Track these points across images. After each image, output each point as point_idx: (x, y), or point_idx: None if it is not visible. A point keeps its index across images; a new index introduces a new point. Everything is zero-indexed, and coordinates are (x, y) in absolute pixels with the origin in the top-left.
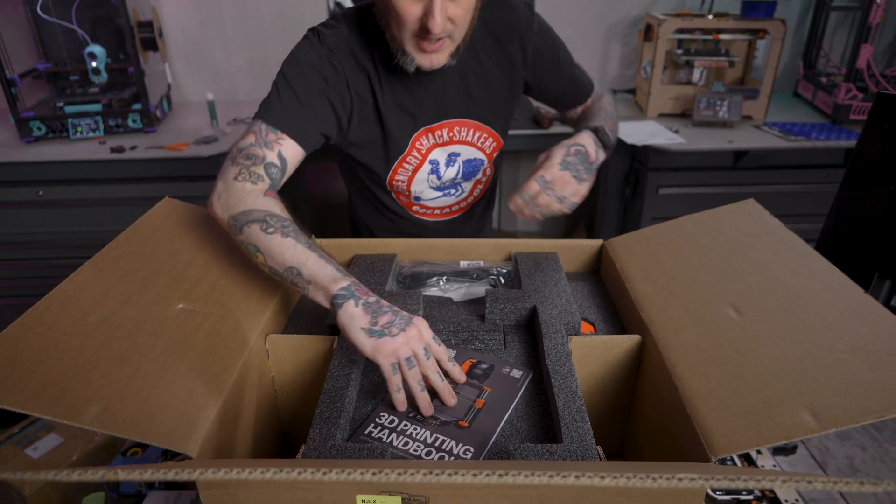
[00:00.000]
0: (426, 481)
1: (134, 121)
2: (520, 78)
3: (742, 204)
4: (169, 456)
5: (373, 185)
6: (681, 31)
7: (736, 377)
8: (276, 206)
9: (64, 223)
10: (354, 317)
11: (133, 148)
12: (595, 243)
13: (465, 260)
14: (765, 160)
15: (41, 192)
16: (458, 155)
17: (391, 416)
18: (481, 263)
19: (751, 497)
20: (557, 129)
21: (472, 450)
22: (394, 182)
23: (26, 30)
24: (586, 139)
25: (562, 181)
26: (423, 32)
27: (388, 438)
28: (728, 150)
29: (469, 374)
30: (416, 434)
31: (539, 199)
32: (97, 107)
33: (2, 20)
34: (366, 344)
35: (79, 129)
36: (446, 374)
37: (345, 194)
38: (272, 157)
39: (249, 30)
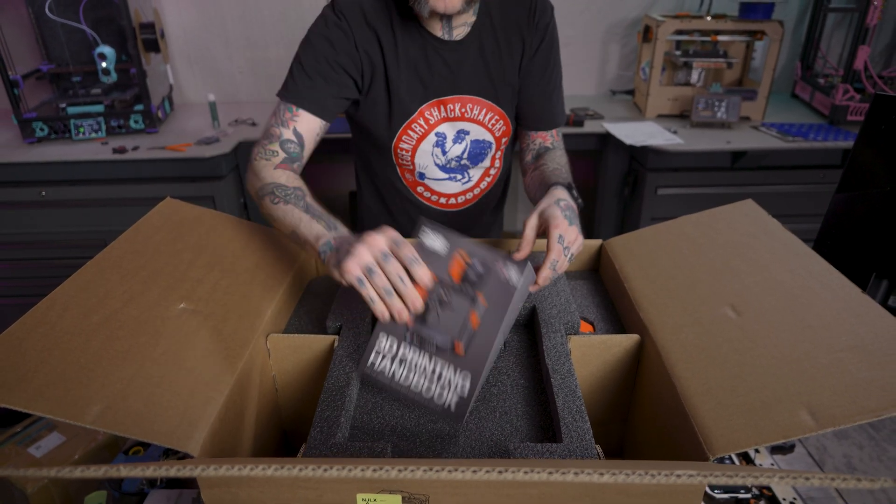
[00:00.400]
0: (426, 478)
1: (136, 121)
2: (523, 71)
3: (740, 204)
4: (171, 455)
5: (379, 158)
6: (679, 32)
7: (734, 376)
8: (282, 177)
9: (66, 223)
10: (329, 260)
11: (135, 148)
12: (594, 243)
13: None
14: (763, 161)
15: (44, 193)
16: (468, 133)
17: (390, 340)
18: None
19: (749, 495)
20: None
21: (469, 375)
22: (398, 149)
23: (29, 31)
24: (565, 194)
25: (573, 238)
26: None
27: (389, 372)
28: (726, 151)
29: (462, 278)
30: (416, 362)
31: (561, 266)
32: (99, 108)
33: (4, 21)
34: (334, 272)
35: (81, 129)
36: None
37: (345, 194)
38: (288, 133)
39: (250, 31)
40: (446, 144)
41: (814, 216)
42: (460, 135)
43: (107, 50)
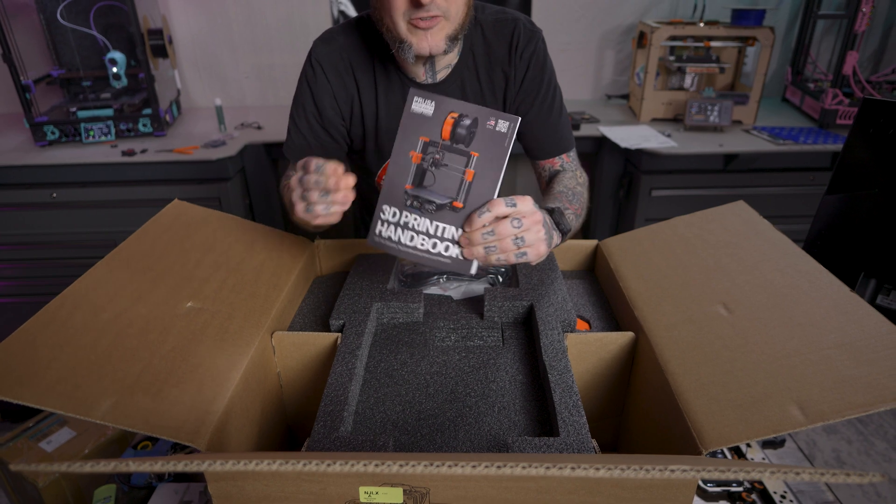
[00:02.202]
0: (427, 473)
1: (144, 125)
2: (512, 105)
3: (732, 205)
4: (178, 449)
5: (368, 188)
6: (673, 38)
7: (726, 373)
8: None
9: (77, 224)
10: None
11: (144, 151)
12: (590, 243)
13: None
14: (754, 163)
15: (55, 195)
16: None
17: (392, 209)
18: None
19: (741, 489)
20: None
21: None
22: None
23: (40, 37)
24: (546, 216)
25: (533, 219)
26: (416, 5)
27: (396, 237)
28: (719, 154)
29: (453, 136)
30: (418, 225)
31: (500, 227)
32: (109, 111)
33: (17, 27)
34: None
35: (91, 133)
36: None
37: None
38: None
39: (256, 37)
40: None
41: (804, 217)
42: None
43: (117, 55)
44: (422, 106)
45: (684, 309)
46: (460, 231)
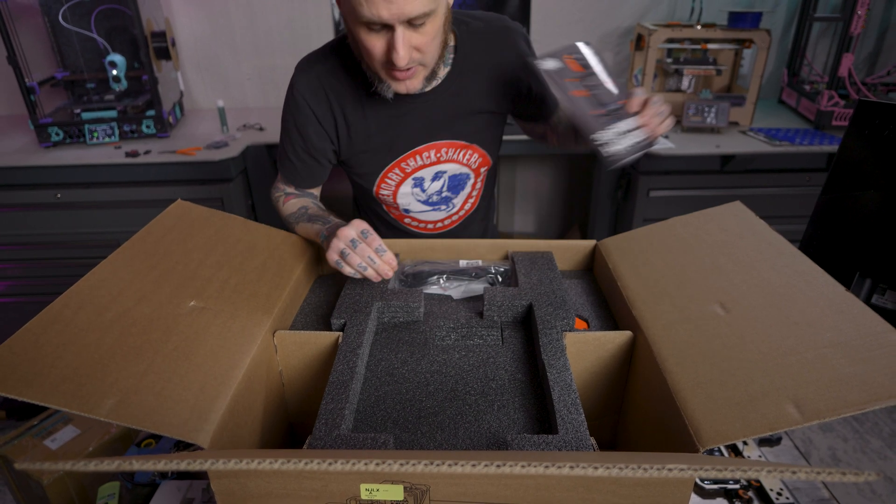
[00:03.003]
0: (427, 471)
1: (148, 126)
2: (506, 106)
3: (729, 206)
4: (182, 447)
5: (365, 195)
6: (670, 40)
7: (723, 371)
8: (291, 207)
9: (81, 224)
10: (324, 246)
11: (147, 152)
12: (589, 243)
13: (465, 259)
14: (751, 164)
15: (59, 195)
16: (444, 172)
17: (601, 134)
18: (480, 262)
19: (738, 486)
20: None
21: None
22: (380, 194)
23: (45, 40)
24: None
25: (657, 98)
26: (391, 64)
27: (620, 147)
28: (716, 155)
29: (580, 65)
30: (620, 129)
31: (655, 107)
32: (113, 113)
33: (22, 30)
34: (326, 259)
35: (95, 134)
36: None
37: (349, 196)
38: (291, 189)
39: (258, 40)
40: (424, 184)
41: (800, 217)
42: (438, 175)
43: (117, 58)
44: (548, 63)
45: (682, 308)
46: (634, 119)
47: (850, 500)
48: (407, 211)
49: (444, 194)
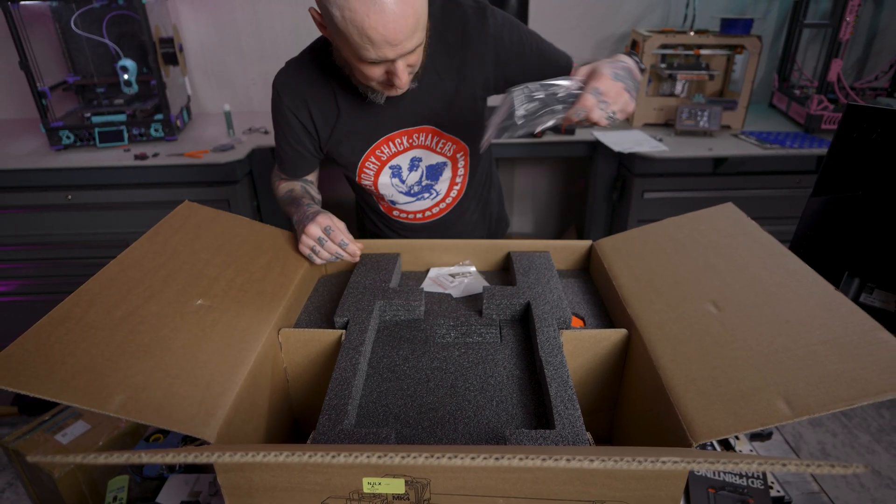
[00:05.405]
0: (427, 464)
1: (156, 130)
2: (486, 83)
3: (721, 207)
4: (189, 441)
5: (358, 190)
6: (664, 46)
7: (715, 368)
8: (282, 189)
9: (91, 225)
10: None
11: (155, 155)
12: (585, 244)
13: (464, 259)
14: (742, 167)
15: (70, 197)
16: (420, 160)
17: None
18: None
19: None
20: (550, 137)
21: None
22: (363, 184)
23: (56, 45)
24: (626, 59)
25: (615, 93)
26: (390, 84)
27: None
28: (708, 158)
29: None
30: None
31: (593, 115)
32: (122, 117)
33: (34, 36)
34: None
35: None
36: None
37: (351, 197)
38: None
39: (264, 45)
40: (402, 174)
41: (790, 218)
42: (414, 163)
43: (129, 63)
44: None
45: (675, 307)
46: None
47: (839, 493)
48: (393, 203)
49: (424, 183)
